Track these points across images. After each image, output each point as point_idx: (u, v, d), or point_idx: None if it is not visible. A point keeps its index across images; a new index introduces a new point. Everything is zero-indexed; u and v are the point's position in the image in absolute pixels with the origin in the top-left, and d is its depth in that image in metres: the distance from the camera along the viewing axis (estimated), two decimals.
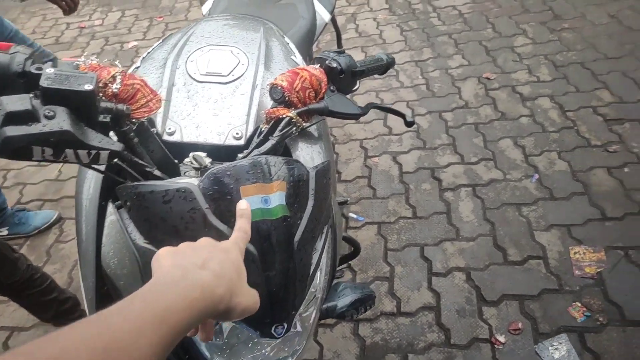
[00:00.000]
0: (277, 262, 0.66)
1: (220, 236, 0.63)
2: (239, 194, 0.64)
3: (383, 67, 1.05)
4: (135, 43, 3.95)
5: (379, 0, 4.01)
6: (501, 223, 2.10)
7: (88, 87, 0.61)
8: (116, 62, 0.73)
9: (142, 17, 4.33)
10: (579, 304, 1.75)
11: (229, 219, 0.64)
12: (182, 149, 0.88)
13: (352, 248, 1.37)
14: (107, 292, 0.76)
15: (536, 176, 2.27)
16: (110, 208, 0.72)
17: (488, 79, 2.94)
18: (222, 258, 0.50)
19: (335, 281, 0.96)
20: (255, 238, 0.65)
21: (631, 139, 2.36)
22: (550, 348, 1.65)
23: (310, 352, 1.76)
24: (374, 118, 2.78)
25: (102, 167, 0.73)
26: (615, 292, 1.76)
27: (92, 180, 0.83)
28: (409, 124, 1.06)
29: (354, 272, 2.01)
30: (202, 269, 0.47)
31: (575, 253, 1.92)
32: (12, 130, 0.57)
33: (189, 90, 0.95)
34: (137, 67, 1.03)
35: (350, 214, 2.24)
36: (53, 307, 1.70)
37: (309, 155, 0.93)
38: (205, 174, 0.65)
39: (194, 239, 0.63)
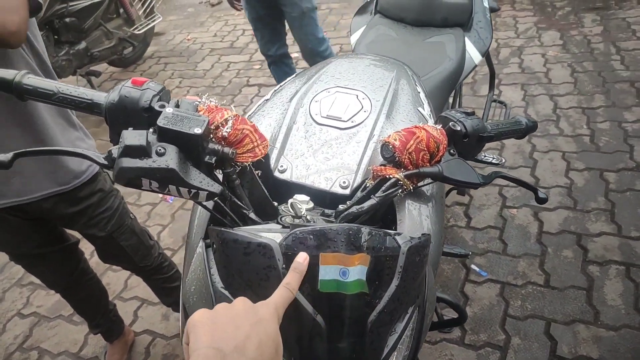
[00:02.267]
0: (344, 340, 0.62)
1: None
2: (318, 260, 0.61)
3: (521, 132, 0.94)
4: (296, 54, 4.19)
5: (552, 35, 3.68)
6: None
7: (197, 130, 0.64)
8: (231, 107, 0.76)
9: None
10: None
11: (304, 284, 0.61)
12: (290, 187, 0.88)
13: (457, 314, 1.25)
14: None
15: None
16: (200, 243, 0.75)
17: None
18: (262, 336, 0.49)
19: (429, 353, 0.87)
20: (326, 311, 0.61)
21: None
22: None
23: None
24: (520, 165, 2.55)
25: (211, 204, 0.77)
26: None
27: (202, 213, 0.87)
28: (541, 201, 0.93)
29: (465, 330, 1.85)
30: (241, 355, 0.46)
31: None
32: (127, 162, 0.62)
33: (307, 130, 0.95)
34: (267, 100, 1.07)
35: (473, 266, 2.08)
36: (173, 295, 1.86)
37: (415, 217, 0.86)
38: (290, 233, 0.63)
39: (265, 297, 0.63)
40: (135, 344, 2.02)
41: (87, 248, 1.94)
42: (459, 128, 0.83)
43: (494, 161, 1.79)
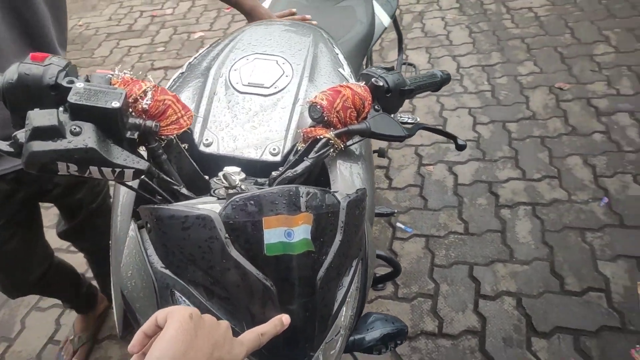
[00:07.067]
0: (296, 301, 0.62)
1: (238, 268, 0.60)
2: (262, 225, 0.60)
3: (437, 84, 0.98)
4: (201, 34, 4.03)
5: None
6: (561, 248, 1.95)
7: (115, 104, 0.59)
8: (148, 77, 0.71)
9: (211, 8, 4.41)
10: None
11: (249, 251, 0.60)
12: (218, 161, 0.86)
13: (392, 268, 1.30)
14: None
15: (605, 200, 2.09)
16: (132, 226, 0.71)
17: (561, 89, 2.74)
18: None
19: (366, 310, 0.90)
20: (274, 273, 0.61)
21: None
22: None
23: None
24: (432, 123, 2.67)
25: (136, 183, 0.72)
26: None
27: (126, 194, 0.82)
28: (460, 148, 0.98)
29: (397, 285, 1.94)
30: None
31: None
32: (37, 146, 0.55)
33: (230, 100, 0.92)
34: (182, 73, 1.02)
35: (398, 224, 2.17)
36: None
37: (347, 176, 0.87)
38: (229, 201, 0.61)
39: (210, 269, 0.61)
40: None
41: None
42: (381, 83, 0.84)
43: (410, 121, 1.86)
